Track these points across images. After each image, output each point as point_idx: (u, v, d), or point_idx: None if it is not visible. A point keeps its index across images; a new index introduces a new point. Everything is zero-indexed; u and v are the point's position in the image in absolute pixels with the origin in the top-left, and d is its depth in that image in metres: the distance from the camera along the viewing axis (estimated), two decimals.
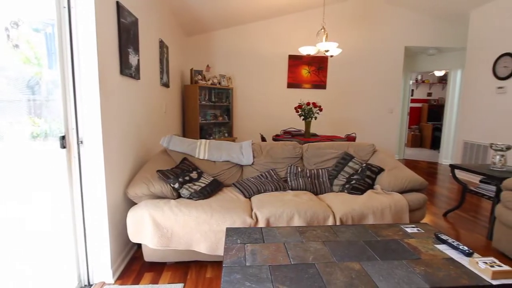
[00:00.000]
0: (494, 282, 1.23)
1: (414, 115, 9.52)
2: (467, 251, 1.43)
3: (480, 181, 3.19)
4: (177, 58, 4.63)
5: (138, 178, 2.23)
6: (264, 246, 1.55)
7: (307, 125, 4.12)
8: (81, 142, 1.84)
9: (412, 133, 9.25)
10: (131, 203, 2.34)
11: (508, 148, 2.92)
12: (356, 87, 5.73)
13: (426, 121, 9.23)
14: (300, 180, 2.66)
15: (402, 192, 2.49)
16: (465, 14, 5.21)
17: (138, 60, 2.53)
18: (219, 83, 5.13)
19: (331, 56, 4.01)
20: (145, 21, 2.79)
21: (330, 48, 3.78)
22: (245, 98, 5.51)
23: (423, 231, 1.75)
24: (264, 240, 1.61)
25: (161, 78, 3.44)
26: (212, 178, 2.60)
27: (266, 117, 5.60)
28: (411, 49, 6.09)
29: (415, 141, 9.26)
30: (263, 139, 4.22)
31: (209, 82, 4.97)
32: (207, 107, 5.27)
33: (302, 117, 4.12)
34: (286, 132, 4.60)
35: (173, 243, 2.07)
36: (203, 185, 2.41)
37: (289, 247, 1.54)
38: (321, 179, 2.76)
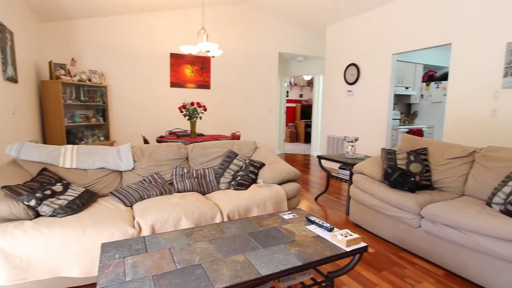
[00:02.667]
0: (348, 249, 1.50)
1: (290, 114, 10.75)
2: (329, 228, 1.69)
3: (339, 168, 3.86)
4: (29, 48, 3.81)
5: None
6: (147, 256, 1.43)
7: (192, 125, 4.07)
8: None
9: (290, 130, 10.43)
10: None
11: (356, 139, 3.62)
12: (239, 88, 6.03)
13: (299, 119, 10.56)
14: (187, 182, 2.61)
15: (281, 183, 2.76)
16: (323, 28, 6.19)
17: None
18: (89, 80, 4.50)
19: (213, 56, 4.08)
20: None
21: (211, 48, 3.84)
22: (123, 97, 5.02)
23: (297, 216, 1.98)
24: (147, 250, 1.49)
25: (4, 71, 2.76)
26: (84, 189, 2.25)
27: (149, 118, 5.25)
28: (284, 55, 6.83)
29: (292, 136, 10.47)
30: (146, 142, 3.94)
31: (76, 78, 4.29)
32: (76, 107, 4.54)
33: (187, 117, 4.05)
34: (171, 133, 4.43)
35: (32, 273, 1.70)
36: (71, 198, 2.06)
37: (174, 252, 1.48)
38: (208, 179, 2.77)
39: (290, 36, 6.42)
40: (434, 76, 6.32)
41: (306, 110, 10.47)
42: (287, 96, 10.50)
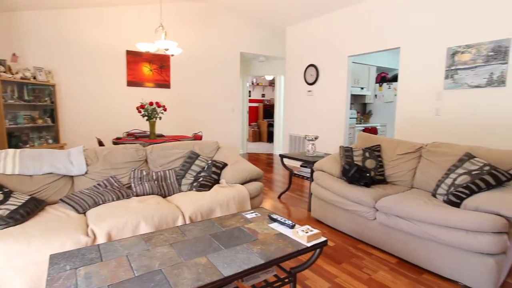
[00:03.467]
0: (309, 244, 1.54)
1: (253, 114, 10.82)
2: (291, 225, 1.73)
3: (301, 166, 3.96)
4: None
5: None
6: (102, 265, 1.35)
7: (152, 125, 3.92)
8: None
9: (252, 129, 10.49)
10: None
11: (316, 138, 3.74)
12: (200, 87, 5.93)
13: (262, 118, 10.66)
14: (146, 185, 2.50)
15: (243, 183, 2.76)
16: (283, 29, 6.31)
17: None
18: (34, 78, 4.13)
19: (172, 55, 3.96)
20: None
21: (170, 47, 3.73)
22: (74, 96, 4.68)
23: (260, 215, 1.99)
24: (102, 258, 1.41)
25: None
26: (29, 197, 2.06)
27: (104, 119, 4.96)
28: (245, 55, 6.85)
29: (255, 136, 10.54)
30: (101, 144, 3.71)
31: (18, 76, 3.91)
32: (19, 107, 4.14)
33: (146, 118, 3.89)
34: (129, 134, 4.23)
35: None
36: (13, 207, 1.87)
37: (132, 258, 1.41)
38: (168, 181, 2.68)
39: (252, 36, 6.45)
40: (386, 77, 6.75)
41: (268, 110, 10.60)
42: (250, 96, 10.56)
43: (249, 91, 10.54)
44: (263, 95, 11.08)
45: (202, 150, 3.07)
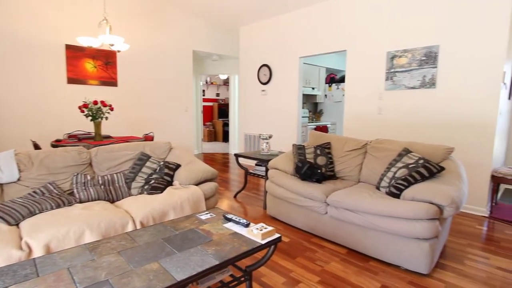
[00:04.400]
0: (263, 242, 1.56)
1: (207, 113, 10.67)
2: (245, 223, 1.73)
3: (256, 165, 4.00)
4: None
5: None
6: (38, 280, 1.22)
7: (97, 126, 3.65)
8: None
9: (207, 129, 10.34)
10: None
11: (270, 136, 3.81)
12: (152, 86, 5.68)
13: (217, 118, 10.57)
14: (91, 190, 2.32)
15: (198, 183, 2.71)
16: (237, 29, 6.32)
17: None
18: None
19: (118, 51, 3.73)
20: None
21: (115, 42, 3.51)
22: (3, 94, 4.17)
23: (214, 215, 1.96)
24: (38, 274, 1.27)
25: None
26: None
27: (40, 120, 4.49)
28: (198, 53, 6.71)
29: (211, 136, 10.41)
30: (37, 147, 3.36)
31: None
32: None
33: (90, 118, 3.61)
34: (71, 136, 3.89)
35: None
36: None
37: (75, 271, 1.29)
38: (116, 184, 2.52)
39: (205, 34, 6.35)
40: (335, 78, 7.12)
41: (223, 109, 10.54)
42: (204, 95, 10.39)
43: (203, 90, 10.37)
44: (217, 95, 10.99)
45: (153, 151, 2.94)
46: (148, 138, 4.02)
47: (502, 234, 2.87)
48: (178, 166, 2.82)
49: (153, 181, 2.57)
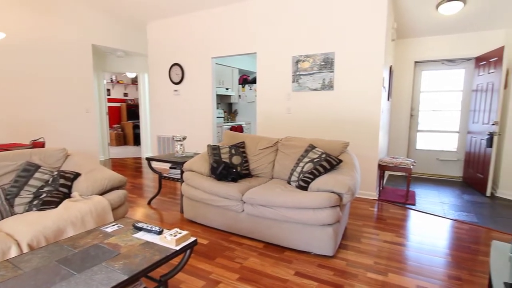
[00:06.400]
0: (178, 248, 1.50)
1: (114, 115, 9.71)
2: (158, 231, 1.63)
3: (170, 168, 3.82)
4: None
5: None
6: None
7: None
8: None
9: (115, 132, 9.42)
10: None
11: (184, 138, 3.69)
12: (39, 83, 4.84)
13: (126, 119, 9.72)
14: None
15: (103, 193, 2.43)
16: (144, 25, 5.91)
17: None
18: None
19: None
20: None
21: None
22: None
23: (123, 226, 1.79)
24: None
25: None
26: None
27: None
28: (100, 48, 6.04)
29: (119, 139, 9.51)
30: None
31: None
32: None
33: None
34: None
35: None
36: None
37: None
38: None
39: (106, 27, 5.74)
40: (248, 79, 7.36)
41: (133, 110, 9.76)
42: (109, 95, 9.43)
43: (108, 90, 9.40)
44: (125, 94, 10.11)
45: (44, 160, 2.52)
46: (37, 144, 3.42)
47: (388, 213, 3.42)
48: (77, 175, 2.47)
49: (44, 195, 2.19)
